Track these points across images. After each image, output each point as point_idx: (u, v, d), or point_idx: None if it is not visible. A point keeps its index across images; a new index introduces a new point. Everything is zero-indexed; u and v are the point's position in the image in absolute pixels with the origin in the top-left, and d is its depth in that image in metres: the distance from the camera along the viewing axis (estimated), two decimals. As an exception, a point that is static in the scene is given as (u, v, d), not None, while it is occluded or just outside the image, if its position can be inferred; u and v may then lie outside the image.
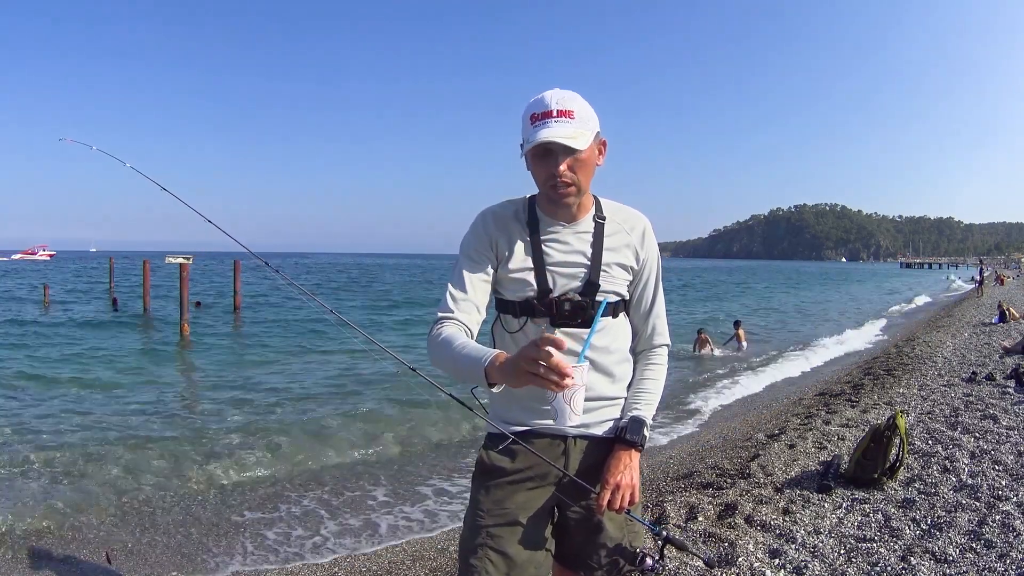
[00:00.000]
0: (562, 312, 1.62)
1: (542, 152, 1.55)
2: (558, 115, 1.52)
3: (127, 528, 4.82)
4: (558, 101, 1.53)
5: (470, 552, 1.64)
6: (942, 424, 5.56)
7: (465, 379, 1.51)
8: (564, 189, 1.57)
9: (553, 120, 1.51)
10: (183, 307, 16.99)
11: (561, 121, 1.51)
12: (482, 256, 1.67)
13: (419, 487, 5.71)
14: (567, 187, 1.57)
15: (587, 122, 1.56)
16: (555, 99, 1.54)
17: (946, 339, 12.36)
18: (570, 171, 1.55)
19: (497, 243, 1.67)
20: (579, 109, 1.54)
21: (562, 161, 1.54)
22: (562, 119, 1.51)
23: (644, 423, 1.67)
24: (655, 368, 1.76)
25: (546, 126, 1.51)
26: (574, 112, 1.53)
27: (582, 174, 1.57)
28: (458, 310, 1.63)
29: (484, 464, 1.71)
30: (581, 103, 1.56)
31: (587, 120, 1.56)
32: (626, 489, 1.61)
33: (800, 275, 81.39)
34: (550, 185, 1.57)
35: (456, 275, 1.68)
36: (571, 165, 1.55)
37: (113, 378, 10.92)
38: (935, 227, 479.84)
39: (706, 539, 3.45)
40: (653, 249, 1.75)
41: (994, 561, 3.00)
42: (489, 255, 1.67)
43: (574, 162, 1.55)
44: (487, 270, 1.67)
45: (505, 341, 1.70)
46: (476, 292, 1.66)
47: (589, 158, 1.58)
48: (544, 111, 1.52)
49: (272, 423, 7.78)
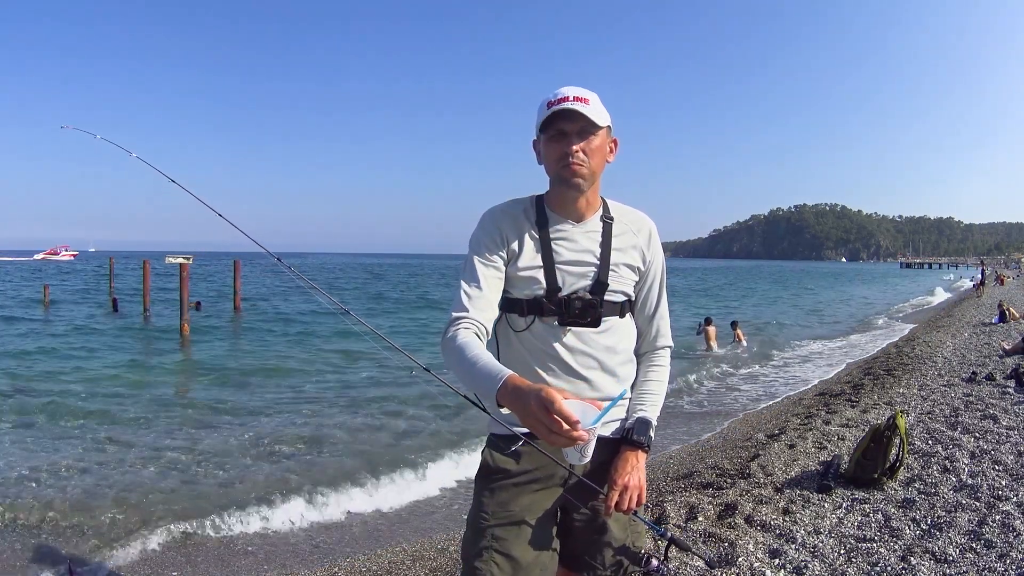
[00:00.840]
0: (572, 310, 1.62)
1: (557, 134, 1.59)
2: (575, 100, 1.56)
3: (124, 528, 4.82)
4: (574, 91, 1.59)
5: (475, 555, 1.63)
6: (942, 424, 5.56)
7: (476, 391, 1.49)
8: (576, 167, 1.58)
9: (570, 103, 1.56)
10: (183, 308, 16.99)
11: (577, 104, 1.56)
12: (494, 252, 1.66)
13: (419, 487, 5.70)
14: (579, 166, 1.58)
15: (602, 112, 1.60)
16: (571, 90, 1.59)
17: (946, 339, 12.36)
18: (583, 153, 1.58)
19: (507, 239, 1.67)
20: (594, 100, 1.60)
21: (577, 142, 1.58)
22: (579, 103, 1.56)
23: (650, 424, 1.68)
24: (659, 369, 1.77)
25: (563, 104, 1.56)
26: (590, 100, 1.58)
27: (595, 160, 1.61)
28: (473, 308, 1.59)
29: (488, 465, 1.70)
30: (596, 98, 1.61)
31: (601, 111, 1.61)
32: (634, 490, 1.60)
33: (808, 276, 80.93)
34: (563, 164, 1.59)
35: (468, 272, 1.65)
36: (584, 148, 1.58)
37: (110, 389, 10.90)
38: (935, 227, 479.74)
39: (706, 539, 3.45)
40: (658, 252, 1.76)
41: (994, 561, 3.00)
42: (500, 251, 1.67)
43: (587, 145, 1.59)
44: (499, 266, 1.66)
45: (510, 340, 1.69)
46: (490, 288, 1.63)
47: (602, 147, 1.63)
48: (561, 98, 1.57)
49: (272, 423, 7.79)
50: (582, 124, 1.57)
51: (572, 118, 1.56)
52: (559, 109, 1.55)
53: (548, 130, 1.60)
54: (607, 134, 1.64)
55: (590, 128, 1.58)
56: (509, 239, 1.67)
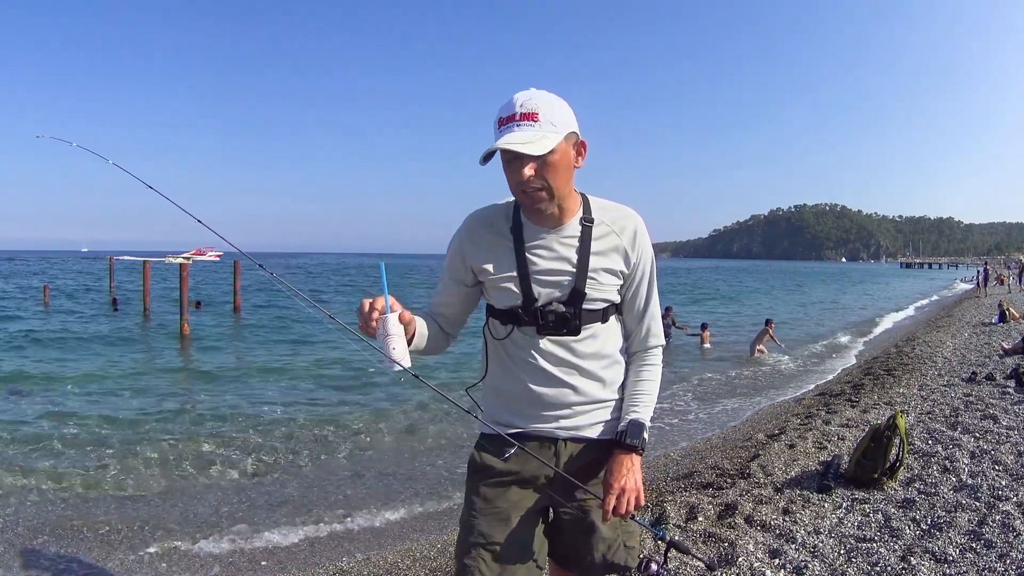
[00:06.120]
0: (547, 323, 1.61)
1: (509, 158, 1.51)
2: (521, 119, 1.47)
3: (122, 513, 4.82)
4: (523, 104, 1.48)
5: (464, 552, 1.65)
6: (942, 424, 5.56)
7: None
8: (534, 194, 1.52)
9: (516, 124, 1.47)
10: (183, 307, 16.99)
11: (523, 125, 1.46)
12: (454, 270, 1.71)
13: (419, 487, 5.71)
14: (537, 192, 1.52)
15: (555, 124, 1.49)
16: (521, 102, 1.49)
17: (946, 339, 12.37)
18: (538, 177, 1.49)
19: (474, 257, 1.66)
20: (546, 111, 1.48)
21: (527, 165, 1.48)
22: (524, 123, 1.46)
23: (643, 426, 1.66)
24: (650, 369, 1.74)
25: (508, 131, 1.47)
26: (539, 115, 1.47)
27: (553, 178, 1.51)
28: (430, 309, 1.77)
29: (475, 463, 1.72)
30: (550, 105, 1.49)
31: (555, 123, 1.49)
32: (630, 493, 1.59)
33: (816, 276, 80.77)
34: (520, 191, 1.53)
35: (439, 283, 1.76)
36: (538, 170, 1.49)
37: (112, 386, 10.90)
38: (935, 227, 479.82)
39: (706, 539, 3.44)
40: (646, 250, 1.69)
41: (994, 561, 3.00)
42: (461, 271, 1.70)
43: (542, 166, 1.49)
44: (459, 286, 1.72)
45: (494, 346, 1.70)
46: (450, 299, 1.74)
47: (560, 161, 1.51)
48: (509, 115, 1.49)
49: (272, 424, 7.79)
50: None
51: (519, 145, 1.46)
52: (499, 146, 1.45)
53: (503, 153, 1.50)
54: (568, 143, 1.53)
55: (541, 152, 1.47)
56: (477, 255, 1.66)
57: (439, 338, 1.74)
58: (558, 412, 1.66)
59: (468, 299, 1.75)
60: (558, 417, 1.66)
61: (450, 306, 1.74)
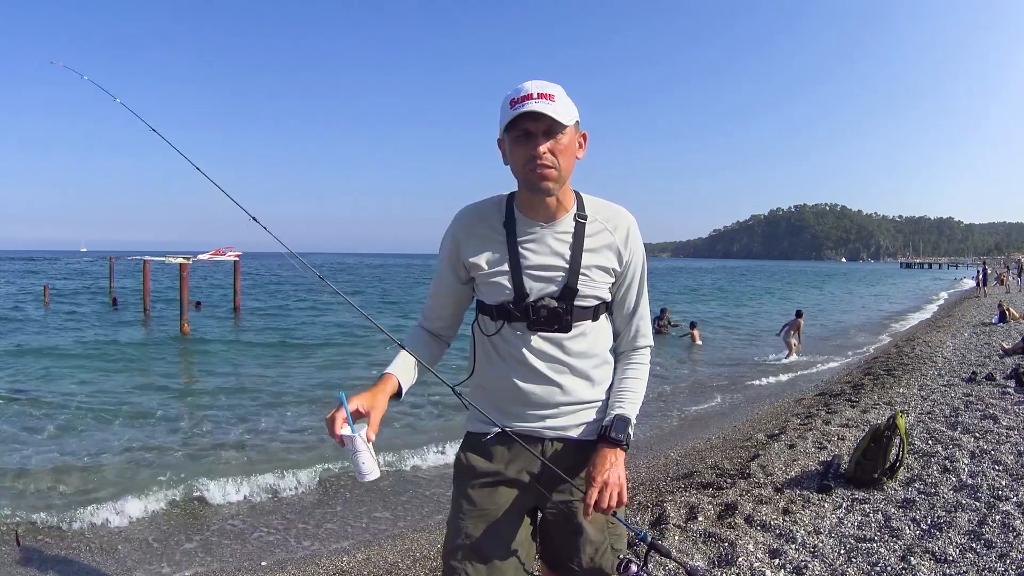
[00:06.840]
0: (538, 318, 1.61)
1: (522, 135, 1.51)
2: (539, 97, 1.48)
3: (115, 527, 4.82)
4: (538, 87, 1.50)
5: (450, 553, 1.64)
6: (942, 424, 5.56)
7: None
8: (544, 171, 1.51)
9: (534, 101, 1.48)
10: (183, 307, 16.99)
11: (542, 101, 1.48)
12: (447, 268, 1.71)
13: (419, 487, 5.70)
14: (547, 169, 1.50)
15: (568, 107, 1.52)
16: (535, 85, 1.51)
17: (946, 339, 12.37)
18: (551, 154, 1.50)
19: (466, 251, 1.65)
20: (560, 95, 1.51)
21: (543, 142, 1.49)
22: (543, 100, 1.48)
23: (629, 422, 1.64)
24: (638, 368, 1.73)
25: (527, 105, 1.47)
26: (555, 96, 1.50)
27: (563, 159, 1.52)
28: (424, 319, 1.79)
29: (461, 464, 1.72)
30: (561, 92, 1.52)
31: (568, 106, 1.52)
32: (613, 487, 1.55)
33: (817, 276, 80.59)
34: (530, 168, 1.51)
35: (432, 284, 1.77)
36: (552, 148, 1.50)
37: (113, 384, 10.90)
38: (935, 227, 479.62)
39: (706, 539, 3.44)
40: (638, 249, 1.69)
41: (994, 561, 3.00)
42: (454, 267, 1.69)
43: (555, 145, 1.50)
44: (451, 282, 1.71)
45: (484, 343, 1.69)
46: (443, 301, 1.75)
47: (570, 145, 1.54)
48: (524, 95, 1.49)
49: (271, 424, 7.79)
50: (548, 123, 1.48)
51: (537, 118, 1.48)
52: (524, 110, 1.47)
53: (512, 130, 1.51)
54: (575, 130, 1.56)
55: (557, 127, 1.49)
56: (469, 249, 1.65)
57: (434, 351, 1.78)
58: (545, 411, 1.65)
59: (461, 300, 1.75)
60: (545, 416, 1.65)
61: (443, 315, 1.77)
